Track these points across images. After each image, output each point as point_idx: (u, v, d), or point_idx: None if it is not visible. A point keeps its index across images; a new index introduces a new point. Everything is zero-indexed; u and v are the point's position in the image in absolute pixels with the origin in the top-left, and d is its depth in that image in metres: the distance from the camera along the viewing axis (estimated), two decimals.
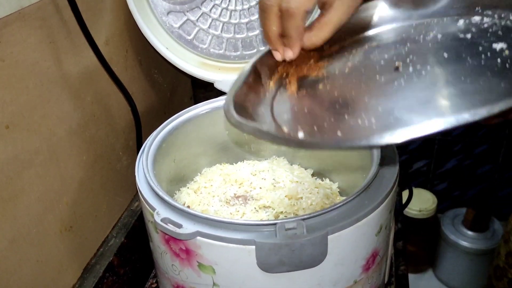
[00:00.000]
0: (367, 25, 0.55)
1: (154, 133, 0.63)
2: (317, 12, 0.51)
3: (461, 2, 0.52)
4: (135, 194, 0.80)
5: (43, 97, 0.56)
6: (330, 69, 0.49)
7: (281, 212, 0.60)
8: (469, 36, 0.48)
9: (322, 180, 0.70)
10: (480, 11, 0.51)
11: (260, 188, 0.63)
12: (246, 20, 0.75)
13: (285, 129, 0.42)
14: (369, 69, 0.48)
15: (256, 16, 0.75)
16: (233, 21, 0.75)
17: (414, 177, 1.66)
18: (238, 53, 0.77)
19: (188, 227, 0.47)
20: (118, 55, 0.73)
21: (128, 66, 0.76)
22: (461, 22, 0.51)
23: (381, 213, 0.50)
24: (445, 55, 0.46)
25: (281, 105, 0.47)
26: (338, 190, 0.68)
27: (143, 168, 0.56)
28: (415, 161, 1.62)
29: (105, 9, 0.69)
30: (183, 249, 0.49)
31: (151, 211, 0.51)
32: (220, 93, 0.77)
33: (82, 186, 0.64)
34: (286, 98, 0.48)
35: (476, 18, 0.50)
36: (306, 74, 0.49)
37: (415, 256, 1.64)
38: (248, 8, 0.74)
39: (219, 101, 0.70)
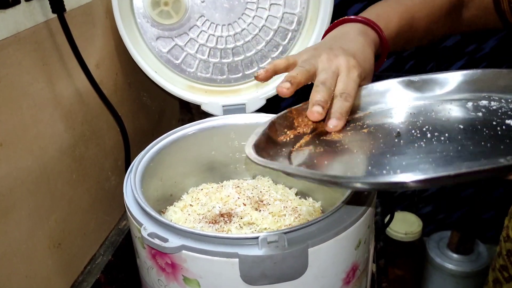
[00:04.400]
0: (380, 101, 0.59)
1: (142, 152, 0.64)
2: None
3: (467, 88, 0.56)
4: (123, 214, 0.81)
5: (36, 117, 0.58)
6: (347, 133, 0.53)
7: (265, 229, 0.61)
8: (480, 114, 0.51)
9: (306, 199, 0.72)
10: (486, 96, 0.54)
11: (245, 205, 0.65)
12: (232, 45, 0.78)
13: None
14: (385, 134, 0.52)
15: (242, 41, 0.78)
16: (219, 46, 0.78)
17: (400, 200, 1.68)
18: (224, 76, 0.80)
19: (174, 241, 0.49)
20: (108, 78, 0.75)
21: (118, 89, 0.78)
22: (469, 104, 0.54)
23: (359, 227, 0.52)
24: (461, 126, 0.50)
25: (299, 158, 0.51)
26: (321, 208, 0.70)
27: (131, 186, 0.58)
28: None
29: (97, 34, 0.72)
30: (168, 263, 0.50)
31: (138, 226, 0.52)
32: (207, 115, 0.79)
33: (71, 204, 0.66)
34: (303, 152, 0.52)
35: (484, 102, 0.54)
36: (322, 136, 0.54)
37: (402, 279, 1.64)
38: (234, 35, 0.78)
39: (206, 123, 0.72)
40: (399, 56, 1.42)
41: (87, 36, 0.69)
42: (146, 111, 0.90)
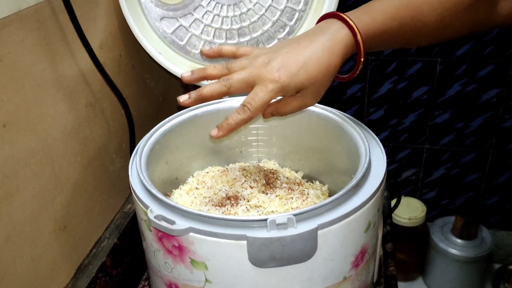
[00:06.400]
0: None
1: (147, 135, 0.63)
2: None
3: None
4: (128, 197, 0.80)
5: (38, 98, 0.57)
6: None
7: (272, 212, 0.61)
8: None
9: (312, 182, 0.71)
10: None
11: (251, 188, 0.64)
12: (237, 26, 0.77)
13: None
14: None
15: (248, 22, 0.77)
16: (224, 27, 0.77)
17: (403, 186, 1.68)
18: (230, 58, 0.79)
19: (181, 224, 0.48)
20: (112, 59, 0.74)
21: (122, 70, 0.77)
22: None
23: (369, 210, 0.51)
24: None
25: None
26: (328, 192, 0.69)
27: (136, 168, 0.57)
28: (404, 170, 1.64)
29: (100, 14, 0.70)
30: (175, 245, 0.50)
31: (144, 209, 0.51)
32: None
33: (76, 187, 0.65)
34: None
35: None
36: None
37: (405, 264, 1.65)
38: (240, 15, 0.76)
39: (211, 105, 0.71)
40: None
41: (90, 15, 0.67)
42: (150, 94, 0.89)
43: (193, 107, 0.70)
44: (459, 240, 1.53)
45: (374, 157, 0.58)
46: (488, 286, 1.63)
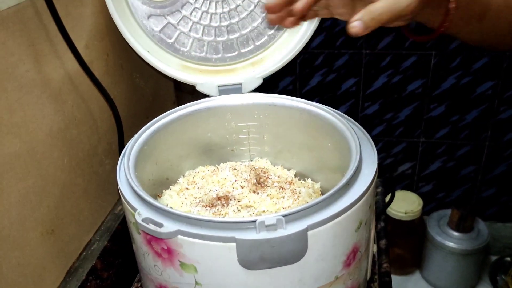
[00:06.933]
0: None
1: (136, 135, 0.63)
2: None
3: None
4: (118, 199, 0.80)
5: (22, 100, 0.56)
6: None
7: (263, 211, 0.60)
8: None
9: (305, 180, 0.70)
10: None
11: (242, 187, 0.63)
12: (226, 23, 0.76)
13: None
14: None
15: (237, 19, 0.76)
16: (213, 24, 0.76)
17: (399, 180, 1.68)
18: (219, 55, 0.78)
19: (169, 226, 0.47)
20: (98, 59, 0.73)
21: (109, 70, 0.76)
22: None
23: (360, 208, 0.51)
24: None
25: None
26: (320, 190, 0.68)
27: (124, 170, 0.56)
28: (400, 164, 1.64)
29: (85, 13, 0.69)
30: (164, 248, 0.49)
31: (132, 211, 0.51)
32: (202, 95, 0.77)
33: (64, 189, 0.64)
34: None
35: None
36: None
37: (402, 258, 1.65)
38: (228, 11, 0.75)
39: (201, 103, 0.70)
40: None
41: (75, 15, 0.66)
42: (140, 94, 0.87)
43: (182, 107, 0.69)
44: (455, 233, 1.53)
45: (365, 154, 0.57)
46: (485, 278, 1.64)
